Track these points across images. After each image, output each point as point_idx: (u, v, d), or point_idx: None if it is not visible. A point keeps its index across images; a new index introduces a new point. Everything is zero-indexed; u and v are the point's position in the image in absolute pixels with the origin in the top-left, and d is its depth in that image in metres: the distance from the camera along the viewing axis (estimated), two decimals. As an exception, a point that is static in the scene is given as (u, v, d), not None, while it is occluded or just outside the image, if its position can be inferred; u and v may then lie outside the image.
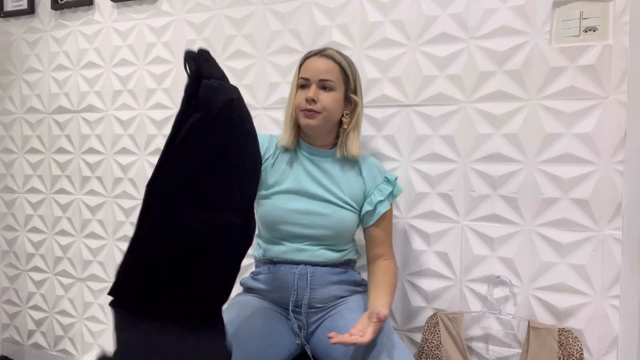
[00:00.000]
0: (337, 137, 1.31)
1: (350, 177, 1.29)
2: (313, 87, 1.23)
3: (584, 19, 1.28)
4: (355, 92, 1.28)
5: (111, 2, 1.87)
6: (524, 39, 1.33)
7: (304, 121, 1.24)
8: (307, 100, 1.22)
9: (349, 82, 1.27)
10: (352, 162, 1.31)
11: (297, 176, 1.27)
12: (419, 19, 1.44)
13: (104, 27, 1.89)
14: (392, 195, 1.30)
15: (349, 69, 1.27)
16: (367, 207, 1.28)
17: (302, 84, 1.25)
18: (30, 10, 2.01)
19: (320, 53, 1.27)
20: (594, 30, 1.28)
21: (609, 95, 1.27)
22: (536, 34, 1.32)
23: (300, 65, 1.28)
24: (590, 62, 1.27)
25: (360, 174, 1.30)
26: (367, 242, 1.31)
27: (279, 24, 1.61)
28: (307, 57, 1.28)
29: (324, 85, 1.24)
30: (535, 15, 1.32)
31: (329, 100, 1.24)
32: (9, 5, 2.06)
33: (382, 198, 1.27)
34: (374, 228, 1.28)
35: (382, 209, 1.27)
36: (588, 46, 1.27)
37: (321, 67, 1.24)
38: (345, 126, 1.29)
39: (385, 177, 1.31)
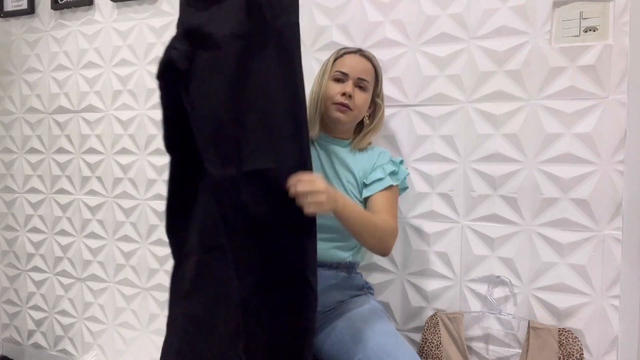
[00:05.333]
0: (353, 132, 1.34)
1: (363, 166, 1.28)
2: (350, 83, 1.24)
3: (584, 19, 1.28)
4: (378, 96, 1.33)
5: (111, 2, 1.87)
6: (524, 39, 1.33)
7: (335, 114, 1.24)
8: (344, 94, 1.22)
9: (377, 86, 1.31)
10: (362, 150, 1.32)
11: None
12: (419, 19, 1.44)
13: (104, 27, 1.89)
14: (394, 175, 1.27)
15: (380, 75, 1.32)
16: (367, 180, 1.26)
17: (338, 78, 1.25)
18: (30, 10, 2.01)
19: (360, 53, 1.29)
20: (594, 30, 1.28)
21: (609, 95, 1.27)
22: (536, 34, 1.32)
23: (335, 59, 1.28)
24: (590, 62, 1.27)
25: (370, 158, 1.29)
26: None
27: (279, 24, 1.60)
28: (345, 53, 1.29)
29: (360, 85, 1.25)
30: (535, 15, 1.32)
31: (362, 100, 1.26)
32: (9, 5, 2.06)
33: (382, 176, 1.25)
34: (373, 197, 1.23)
35: (379, 186, 1.23)
36: (588, 46, 1.27)
37: (360, 66, 1.26)
38: (365, 127, 1.32)
39: (391, 159, 1.30)
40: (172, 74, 0.93)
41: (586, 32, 1.29)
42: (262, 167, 0.91)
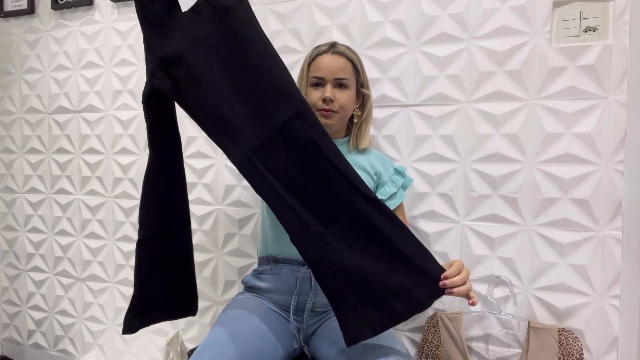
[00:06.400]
0: (347, 128, 1.33)
1: (362, 168, 1.28)
2: (329, 87, 1.22)
3: (584, 19, 1.28)
4: (363, 86, 1.30)
5: (111, 2, 1.87)
6: (524, 39, 1.33)
7: (321, 121, 1.22)
8: (324, 100, 1.21)
9: (359, 78, 1.28)
10: (361, 152, 1.32)
11: None
12: (419, 19, 1.44)
13: (104, 27, 1.89)
14: (403, 187, 1.30)
15: (359, 64, 1.28)
16: (381, 196, 1.27)
17: (316, 83, 1.24)
18: (30, 10, 2.01)
19: (332, 50, 1.25)
20: (594, 30, 1.28)
21: (609, 95, 1.27)
22: (536, 34, 1.32)
23: (310, 63, 1.26)
24: (590, 62, 1.27)
25: (372, 164, 1.30)
26: None
27: (279, 24, 1.61)
28: (317, 55, 1.26)
29: (339, 84, 1.23)
30: (535, 15, 1.32)
31: (344, 99, 1.24)
32: (9, 5, 2.06)
33: (395, 190, 1.27)
34: None
35: (398, 200, 1.27)
36: (588, 46, 1.27)
37: (335, 66, 1.23)
38: (356, 120, 1.31)
39: (395, 169, 1.31)
40: (156, 99, 1.08)
41: (586, 32, 1.29)
42: (269, 132, 0.99)
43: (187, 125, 1.76)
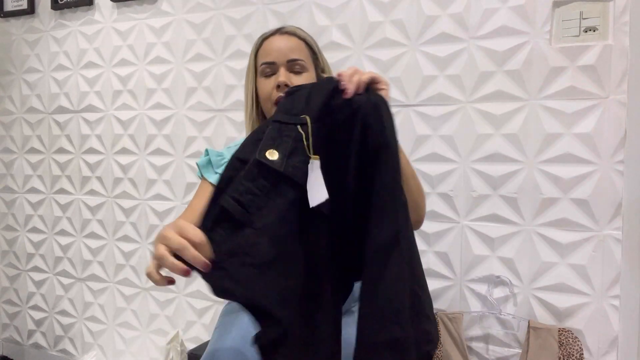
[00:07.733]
0: None
1: None
2: (282, 71, 1.02)
3: (584, 19, 1.28)
4: (324, 71, 1.11)
5: (111, 2, 1.87)
6: (524, 39, 1.33)
7: None
8: (278, 86, 1.00)
9: (318, 61, 1.10)
10: None
11: None
12: (419, 19, 1.44)
13: (104, 27, 1.89)
14: None
15: (316, 46, 1.10)
16: None
17: (267, 71, 1.04)
18: (30, 10, 2.01)
19: (280, 31, 1.07)
20: (594, 30, 1.28)
21: (609, 95, 1.27)
22: (536, 34, 1.32)
23: (257, 51, 1.07)
24: (590, 62, 1.27)
25: None
26: None
27: (279, 24, 1.60)
28: (263, 39, 1.07)
29: (293, 68, 1.03)
30: (535, 15, 1.32)
31: (302, 83, 0.99)
32: (9, 5, 2.06)
33: None
34: None
35: None
36: (588, 46, 1.27)
37: (286, 46, 1.04)
38: None
39: None
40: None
41: (586, 32, 1.29)
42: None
43: (188, 127, 1.76)
